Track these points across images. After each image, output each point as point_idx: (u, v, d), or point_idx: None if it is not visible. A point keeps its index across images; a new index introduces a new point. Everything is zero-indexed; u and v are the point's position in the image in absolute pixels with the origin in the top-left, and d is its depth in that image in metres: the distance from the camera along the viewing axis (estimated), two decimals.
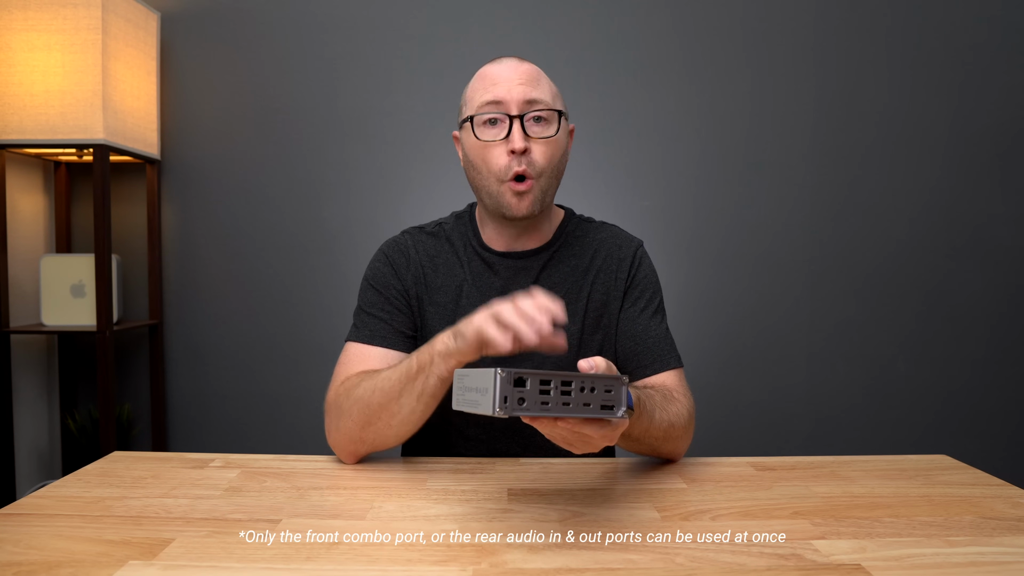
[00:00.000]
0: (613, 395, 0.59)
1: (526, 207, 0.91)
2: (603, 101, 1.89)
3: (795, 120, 1.91)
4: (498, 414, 0.54)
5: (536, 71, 0.93)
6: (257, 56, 1.87)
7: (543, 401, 0.56)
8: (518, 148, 0.88)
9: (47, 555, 0.60)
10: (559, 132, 0.92)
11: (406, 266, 0.99)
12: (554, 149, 0.92)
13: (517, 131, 0.88)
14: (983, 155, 1.93)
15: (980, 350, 1.95)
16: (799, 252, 1.93)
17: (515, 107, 0.89)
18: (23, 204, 1.78)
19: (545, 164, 0.91)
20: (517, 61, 0.93)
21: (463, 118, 0.94)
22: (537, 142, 0.90)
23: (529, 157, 0.90)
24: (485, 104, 0.90)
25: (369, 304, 0.98)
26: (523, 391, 0.55)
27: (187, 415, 1.91)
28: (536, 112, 0.90)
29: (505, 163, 0.90)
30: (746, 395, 1.93)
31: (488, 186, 0.92)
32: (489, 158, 0.91)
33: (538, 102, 0.90)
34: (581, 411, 0.57)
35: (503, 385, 0.54)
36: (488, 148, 0.90)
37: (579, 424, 0.60)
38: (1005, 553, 0.62)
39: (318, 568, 0.58)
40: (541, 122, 0.91)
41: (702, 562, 0.60)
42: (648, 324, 0.98)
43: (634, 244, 1.03)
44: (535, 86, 0.91)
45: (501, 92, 0.89)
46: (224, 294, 1.90)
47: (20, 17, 1.56)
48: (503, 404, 0.54)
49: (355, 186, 1.89)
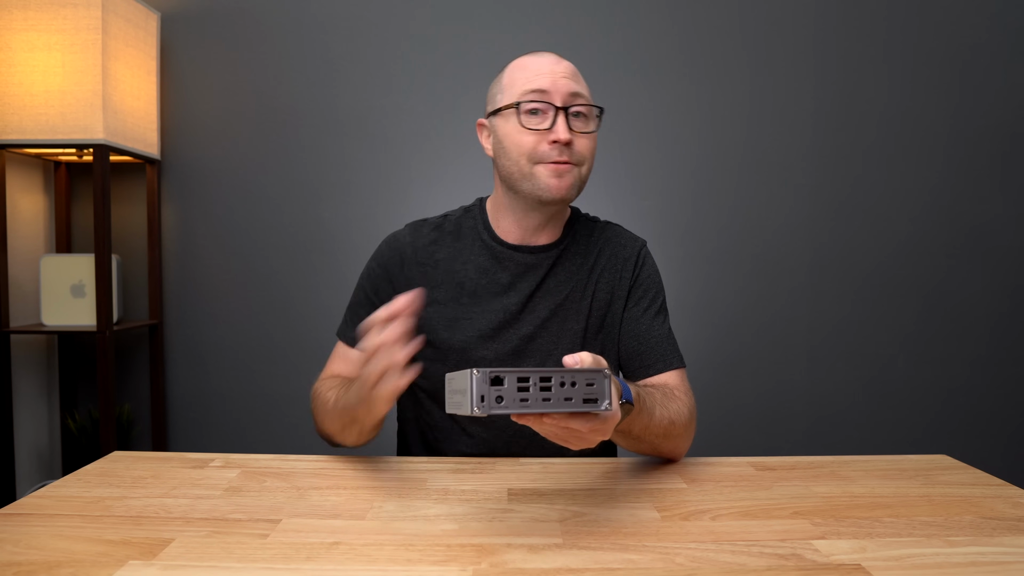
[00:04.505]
0: (596, 388, 0.58)
1: (566, 187, 0.90)
2: (603, 101, 1.89)
3: (795, 120, 1.91)
4: (476, 413, 0.54)
5: (575, 68, 0.94)
6: (257, 56, 1.87)
7: (522, 398, 0.56)
8: (563, 139, 0.88)
9: (47, 555, 0.60)
10: (596, 130, 0.93)
11: (400, 268, 0.99)
12: (593, 144, 0.93)
13: (562, 122, 0.89)
14: (983, 155, 1.93)
15: (980, 350, 1.95)
16: (799, 252, 1.93)
17: (560, 98, 0.89)
18: (23, 204, 1.78)
19: (587, 154, 0.92)
20: (557, 56, 0.94)
21: (501, 105, 0.93)
22: (578, 135, 0.91)
23: (572, 148, 0.90)
24: (530, 92, 0.90)
25: (358, 304, 1.02)
26: (501, 389, 0.56)
27: (187, 415, 1.91)
28: (579, 106, 0.91)
29: (545, 149, 0.90)
30: (746, 395, 1.93)
31: (521, 168, 0.91)
32: (526, 143, 0.90)
33: (581, 96, 0.91)
34: (562, 406, 0.57)
35: (479, 384, 0.55)
36: (528, 135, 0.90)
37: (564, 419, 0.60)
38: (1005, 553, 0.62)
39: (318, 568, 0.58)
40: (582, 117, 0.91)
41: (702, 562, 0.60)
42: (651, 324, 0.98)
43: (638, 244, 1.03)
44: (577, 81, 0.92)
45: (546, 83, 0.90)
46: (224, 294, 1.90)
47: (20, 17, 1.56)
48: (480, 403, 0.55)
49: (355, 186, 1.89)
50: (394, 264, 1.00)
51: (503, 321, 0.97)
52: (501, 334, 0.97)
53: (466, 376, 0.56)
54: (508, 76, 0.94)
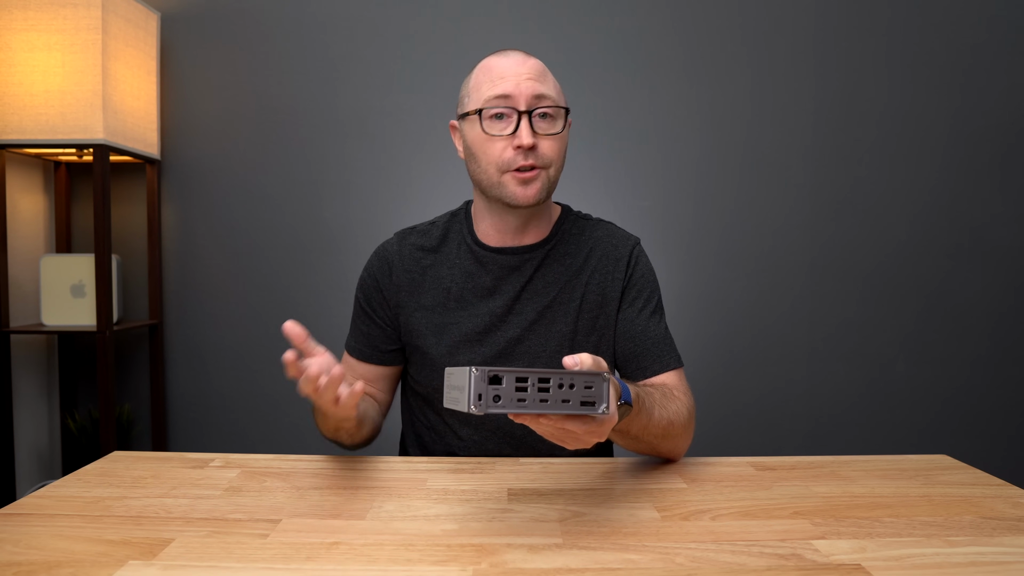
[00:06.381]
0: (594, 391, 0.58)
1: (533, 194, 0.90)
2: (603, 101, 1.89)
3: (795, 120, 1.91)
4: (473, 411, 0.54)
5: (542, 66, 0.93)
6: (257, 56, 1.87)
7: (520, 398, 0.56)
8: (526, 144, 0.87)
9: (47, 555, 0.60)
10: (564, 129, 0.92)
11: (389, 276, 1.00)
12: (560, 144, 0.92)
13: (525, 127, 0.88)
14: (983, 155, 1.93)
15: (980, 350, 1.95)
16: (799, 252, 1.93)
17: (523, 102, 0.89)
18: (23, 204, 1.78)
19: (553, 156, 0.91)
20: (523, 55, 0.93)
21: (467, 110, 0.93)
22: (544, 138, 0.90)
23: (537, 152, 0.89)
24: (493, 98, 0.89)
25: (356, 317, 1.03)
26: (499, 388, 0.56)
27: (187, 415, 1.91)
28: (543, 108, 0.90)
29: (510, 156, 0.89)
30: (746, 395, 1.93)
31: (489, 177, 0.91)
32: (493, 151, 0.90)
33: (546, 98, 0.90)
34: (560, 408, 0.57)
35: (477, 383, 0.55)
36: (493, 141, 0.90)
37: (561, 420, 0.60)
38: (1005, 553, 0.62)
39: (318, 568, 0.58)
40: (547, 118, 0.91)
41: (702, 562, 0.60)
42: (647, 325, 0.97)
43: (630, 242, 1.02)
44: (542, 81, 0.91)
45: (509, 87, 0.89)
46: (224, 294, 1.90)
47: (20, 17, 1.56)
48: (477, 401, 0.55)
49: (355, 186, 1.89)
50: (383, 274, 1.00)
51: (489, 324, 0.96)
52: (487, 338, 0.96)
53: (464, 373, 0.56)
54: (474, 79, 0.93)
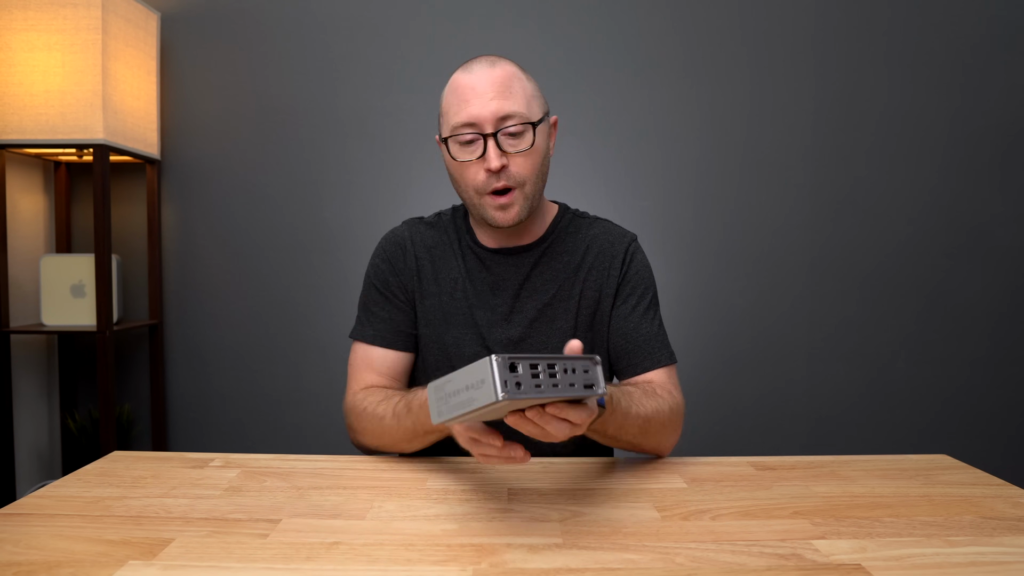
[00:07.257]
0: (591, 375, 0.60)
1: (511, 218, 0.91)
2: (603, 100, 1.89)
3: (795, 120, 1.91)
4: (503, 399, 0.53)
5: (508, 76, 0.89)
6: (257, 56, 1.87)
7: (536, 384, 0.56)
8: (494, 167, 0.87)
9: (47, 555, 0.60)
10: (536, 142, 0.90)
11: (403, 259, 1.01)
12: (533, 159, 0.90)
13: (493, 150, 0.87)
14: (983, 155, 1.93)
15: (980, 350, 1.95)
16: (799, 252, 1.93)
17: (489, 125, 0.87)
18: (23, 204, 1.78)
19: (527, 173, 0.90)
20: (489, 66, 0.89)
21: (441, 136, 0.93)
22: (514, 156, 0.89)
23: (508, 171, 0.89)
24: (460, 126, 0.88)
25: (371, 302, 1.01)
26: (517, 376, 0.55)
27: (187, 415, 1.91)
28: (509, 128, 0.88)
29: (484, 179, 0.89)
30: (746, 395, 1.93)
31: (470, 199, 0.93)
32: (467, 175, 0.90)
33: (511, 116, 0.87)
34: (568, 391, 0.58)
35: (501, 370, 0.54)
36: (467, 166, 0.90)
37: (563, 409, 0.61)
38: (1005, 553, 0.62)
39: (318, 568, 0.58)
40: (516, 136, 0.89)
41: (702, 562, 0.60)
42: (639, 322, 0.97)
43: (627, 240, 1.02)
44: (508, 96, 0.87)
45: (474, 111, 0.87)
46: (224, 294, 1.90)
47: (20, 17, 1.56)
48: (504, 388, 0.53)
49: (355, 186, 1.89)
50: (396, 256, 1.01)
51: (492, 321, 0.97)
52: (490, 336, 0.97)
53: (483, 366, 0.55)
54: (444, 101, 0.92)
